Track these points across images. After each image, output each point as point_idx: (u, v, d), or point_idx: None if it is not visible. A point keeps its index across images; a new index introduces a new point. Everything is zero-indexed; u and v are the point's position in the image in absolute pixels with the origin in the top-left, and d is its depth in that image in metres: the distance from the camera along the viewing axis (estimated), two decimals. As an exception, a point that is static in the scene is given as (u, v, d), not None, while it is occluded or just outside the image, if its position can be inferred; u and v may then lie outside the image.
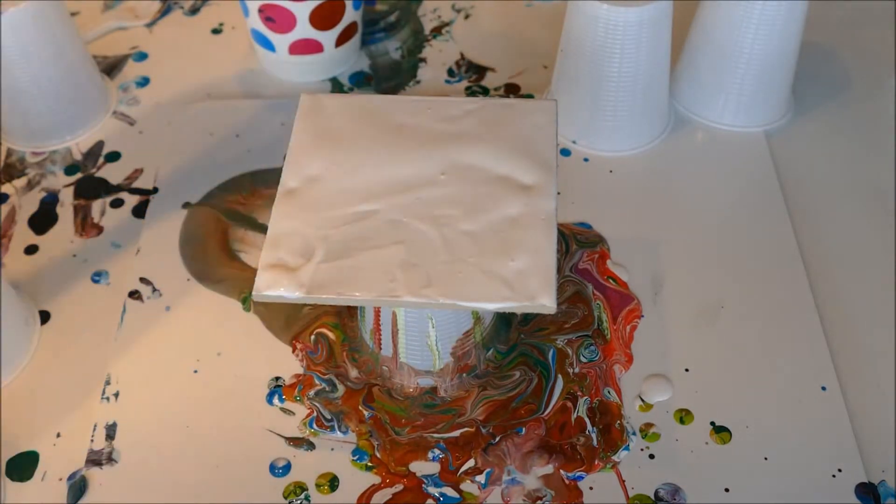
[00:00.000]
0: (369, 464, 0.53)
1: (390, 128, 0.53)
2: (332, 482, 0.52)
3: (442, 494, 0.51)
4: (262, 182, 0.68)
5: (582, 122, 0.69)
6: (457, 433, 0.54)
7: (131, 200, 0.67)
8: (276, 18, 0.70)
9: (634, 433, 0.54)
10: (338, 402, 0.55)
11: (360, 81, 0.76)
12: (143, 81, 0.77)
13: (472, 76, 0.76)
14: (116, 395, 0.56)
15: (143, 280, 0.62)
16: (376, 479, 0.52)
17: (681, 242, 0.63)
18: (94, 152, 0.71)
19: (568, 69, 0.68)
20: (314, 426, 0.54)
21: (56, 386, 0.57)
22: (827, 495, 0.51)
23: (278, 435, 0.54)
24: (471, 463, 0.53)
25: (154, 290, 0.61)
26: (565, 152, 0.69)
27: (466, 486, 0.52)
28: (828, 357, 0.57)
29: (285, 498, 0.51)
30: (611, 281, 0.61)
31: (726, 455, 0.53)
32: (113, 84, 0.76)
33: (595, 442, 0.53)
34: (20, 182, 0.69)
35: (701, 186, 0.67)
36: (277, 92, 0.75)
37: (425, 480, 0.52)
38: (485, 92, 0.75)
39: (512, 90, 0.75)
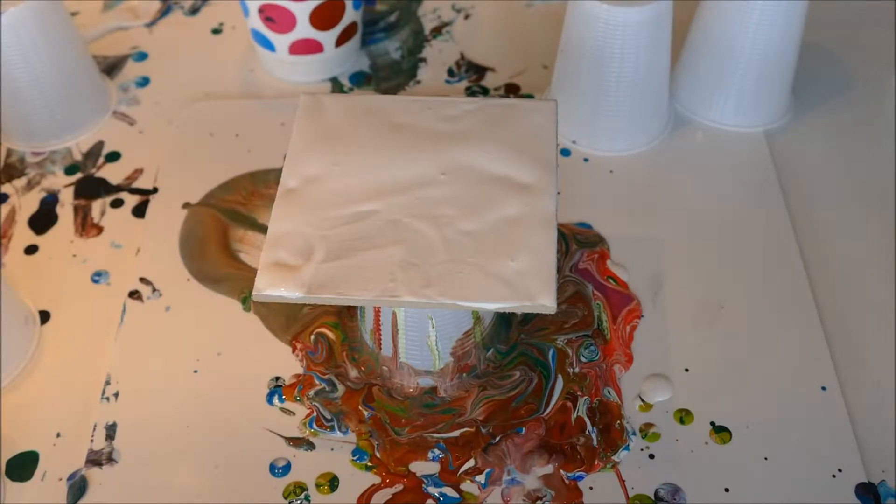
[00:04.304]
0: (369, 464, 0.53)
1: (390, 128, 0.53)
2: (332, 482, 0.52)
3: (442, 494, 0.51)
4: (262, 182, 0.68)
5: (582, 122, 0.69)
6: (457, 433, 0.54)
7: (131, 200, 0.67)
8: (276, 18, 0.70)
9: (634, 433, 0.54)
10: (338, 402, 0.55)
11: (360, 81, 0.76)
12: (143, 81, 0.77)
13: (472, 76, 0.76)
14: (116, 395, 0.56)
15: (143, 280, 0.62)
16: (376, 479, 0.52)
17: (681, 242, 0.63)
18: (94, 152, 0.71)
19: (568, 69, 0.68)
20: (314, 426, 0.54)
21: (56, 386, 0.57)
22: (827, 495, 0.51)
23: (278, 435, 0.54)
24: (471, 463, 0.53)
25: (154, 290, 0.61)
26: (565, 152, 0.69)
27: (466, 486, 0.52)
28: (828, 357, 0.57)
29: (285, 498, 0.51)
30: (611, 281, 0.61)
31: (726, 455, 0.53)
32: (113, 84, 0.76)
33: (595, 442, 0.53)
34: (20, 182, 0.69)
35: (701, 186, 0.67)
36: (277, 92, 0.75)
37: (425, 480, 0.52)
38: (485, 92, 0.75)
39: (512, 90, 0.75)
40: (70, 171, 0.69)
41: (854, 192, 0.66)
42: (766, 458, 0.52)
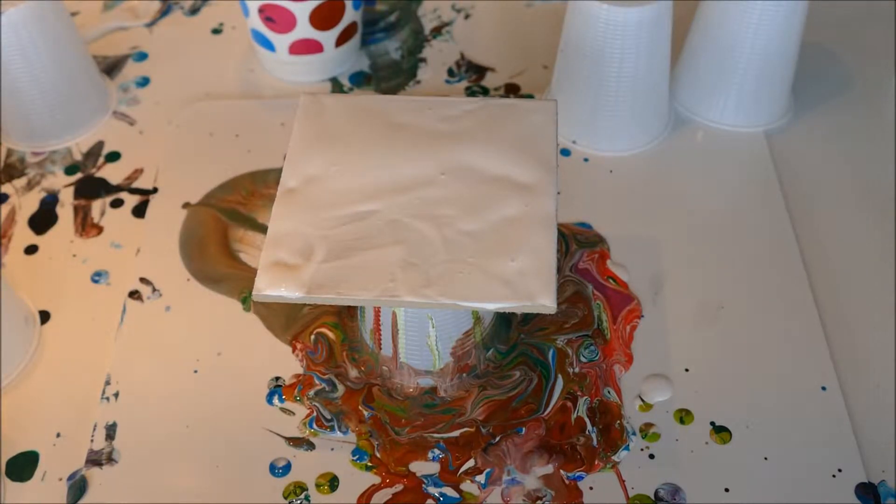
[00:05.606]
0: (369, 464, 0.53)
1: (390, 128, 0.53)
2: (332, 482, 0.52)
3: (442, 494, 0.51)
4: (262, 182, 0.68)
5: (582, 122, 0.69)
6: (457, 433, 0.54)
7: (131, 200, 0.67)
8: (276, 18, 0.70)
9: (634, 433, 0.54)
10: (338, 402, 0.55)
11: (360, 81, 0.76)
12: (143, 81, 0.77)
13: (472, 76, 0.76)
14: (116, 395, 0.56)
15: (143, 280, 0.62)
16: (376, 479, 0.52)
17: (681, 242, 0.63)
18: (94, 152, 0.71)
19: (568, 69, 0.68)
20: (314, 426, 0.54)
21: (56, 386, 0.57)
22: (827, 495, 0.51)
23: (278, 435, 0.54)
24: (471, 463, 0.53)
25: (154, 290, 0.61)
26: (565, 152, 0.69)
27: (466, 486, 0.52)
28: (828, 357, 0.57)
29: (285, 498, 0.51)
30: (611, 281, 0.61)
31: (726, 455, 0.53)
32: (113, 84, 0.76)
33: (595, 442, 0.53)
34: (20, 182, 0.69)
35: (701, 186, 0.67)
36: (277, 92, 0.75)
37: (425, 480, 0.52)
38: (485, 92, 0.75)
39: (512, 90, 0.75)
40: (70, 171, 0.69)
41: (854, 192, 0.66)
42: (766, 458, 0.52)
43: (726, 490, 0.51)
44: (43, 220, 0.66)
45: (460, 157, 0.51)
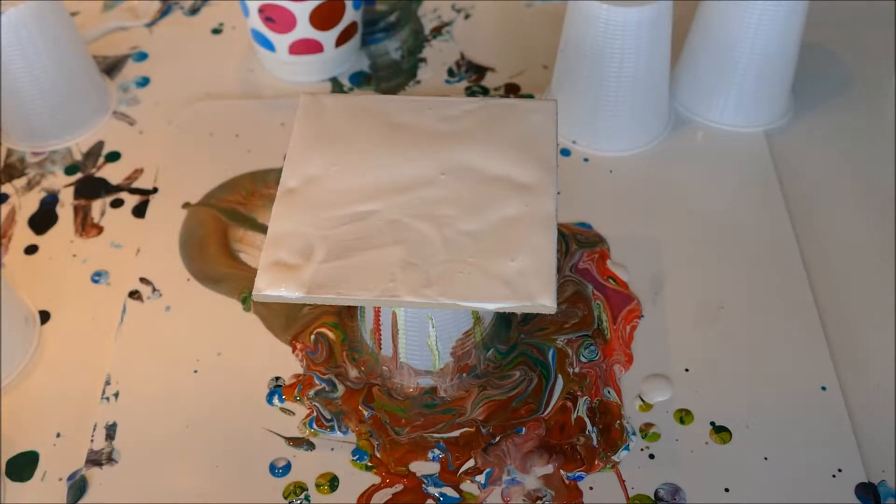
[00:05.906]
0: (369, 464, 0.53)
1: (390, 128, 0.53)
2: (332, 482, 0.52)
3: (442, 494, 0.51)
4: (262, 182, 0.68)
5: (582, 122, 0.69)
6: (457, 433, 0.54)
7: (131, 200, 0.67)
8: (276, 18, 0.70)
9: (634, 433, 0.54)
10: (338, 402, 0.55)
11: (360, 81, 0.76)
12: (143, 81, 0.77)
13: (472, 76, 0.76)
14: (116, 395, 0.56)
15: (143, 280, 0.62)
16: (376, 479, 0.52)
17: (681, 242, 0.63)
18: (94, 152, 0.71)
19: (568, 69, 0.68)
20: (314, 426, 0.54)
21: (56, 386, 0.57)
22: (827, 495, 0.51)
23: (278, 435, 0.54)
24: (471, 463, 0.53)
25: (154, 290, 0.61)
26: (565, 152, 0.69)
27: (466, 486, 0.52)
28: (828, 357, 0.57)
29: (285, 498, 0.51)
30: (611, 281, 0.61)
31: (726, 455, 0.53)
32: (113, 84, 0.76)
33: (595, 442, 0.53)
34: (20, 182, 0.69)
35: (701, 186, 0.67)
36: (277, 92, 0.75)
37: (425, 480, 0.52)
38: (485, 92, 0.75)
39: (512, 90, 0.75)
40: (70, 171, 0.69)
41: (854, 192, 0.66)
42: (766, 458, 0.52)
43: (726, 490, 0.51)
44: (43, 220, 0.66)
45: (460, 157, 0.51)
